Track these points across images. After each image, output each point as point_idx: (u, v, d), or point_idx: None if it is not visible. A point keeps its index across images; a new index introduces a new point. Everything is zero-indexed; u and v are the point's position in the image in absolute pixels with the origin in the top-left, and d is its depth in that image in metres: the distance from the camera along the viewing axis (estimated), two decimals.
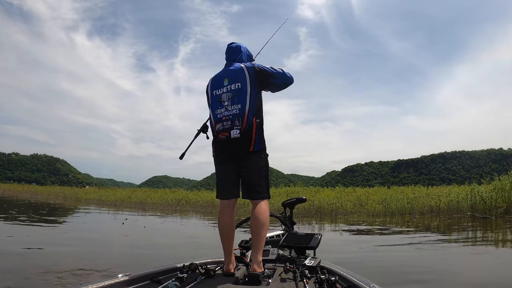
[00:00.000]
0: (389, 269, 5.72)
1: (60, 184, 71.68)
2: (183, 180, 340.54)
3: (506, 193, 14.34)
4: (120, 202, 29.04)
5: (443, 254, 7.32)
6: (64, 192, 40.65)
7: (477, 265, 6.27)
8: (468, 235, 10.21)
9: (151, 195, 30.08)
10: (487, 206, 14.24)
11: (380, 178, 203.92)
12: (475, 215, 14.00)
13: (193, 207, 24.12)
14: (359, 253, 7.39)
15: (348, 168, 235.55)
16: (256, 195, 2.83)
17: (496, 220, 12.88)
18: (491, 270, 5.66)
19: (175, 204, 25.83)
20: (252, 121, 2.79)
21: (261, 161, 2.86)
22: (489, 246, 8.54)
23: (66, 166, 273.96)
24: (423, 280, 4.92)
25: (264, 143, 2.90)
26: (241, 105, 2.82)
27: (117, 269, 5.08)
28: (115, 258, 6.91)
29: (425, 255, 7.25)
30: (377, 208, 18.44)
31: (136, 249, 8.06)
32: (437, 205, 16.33)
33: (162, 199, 27.68)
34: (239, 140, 2.78)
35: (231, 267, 2.82)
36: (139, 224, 13.57)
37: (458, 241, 9.16)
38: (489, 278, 5.13)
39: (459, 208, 15.38)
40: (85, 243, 8.27)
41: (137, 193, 32.76)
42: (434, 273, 5.28)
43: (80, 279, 4.73)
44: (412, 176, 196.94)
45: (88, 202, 30.60)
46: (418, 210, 16.84)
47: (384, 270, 5.60)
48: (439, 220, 14.07)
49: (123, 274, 2.35)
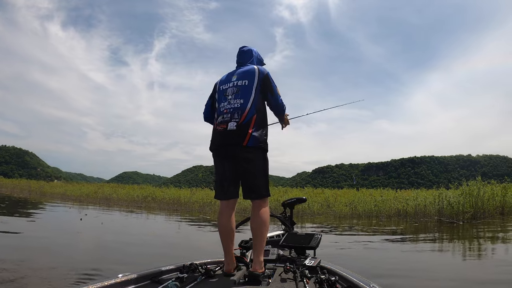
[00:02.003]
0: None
1: (28, 177, 70.31)
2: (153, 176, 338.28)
3: (474, 198, 14.51)
4: (85, 197, 28.56)
5: (390, 253, 7.78)
6: (29, 185, 39.61)
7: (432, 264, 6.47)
8: (427, 237, 10.22)
9: (118, 191, 29.58)
10: (454, 211, 14.29)
11: (350, 180, 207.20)
12: (442, 220, 13.99)
13: (159, 204, 23.88)
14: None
15: (319, 170, 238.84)
16: (254, 195, 2.85)
17: (463, 225, 12.87)
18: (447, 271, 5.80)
19: (141, 200, 25.47)
20: (252, 117, 2.84)
21: (259, 159, 2.88)
22: (450, 247, 8.73)
23: (35, 159, 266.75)
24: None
25: (262, 142, 2.89)
26: (243, 100, 2.90)
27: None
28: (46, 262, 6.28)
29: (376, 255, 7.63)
30: (344, 210, 18.31)
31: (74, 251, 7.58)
32: (404, 209, 16.31)
33: (128, 195, 27.28)
34: (234, 132, 2.81)
35: (231, 267, 2.88)
36: (98, 220, 13.54)
37: (416, 243, 9.32)
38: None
39: (426, 212, 15.39)
40: (24, 242, 7.96)
41: (104, 189, 31.91)
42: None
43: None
44: (381, 179, 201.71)
45: (52, 196, 29.96)
46: (385, 213, 16.79)
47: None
48: (406, 224, 14.00)
49: (123, 274, 2.38)
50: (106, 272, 5.24)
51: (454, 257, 7.80)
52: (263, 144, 2.89)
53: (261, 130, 2.91)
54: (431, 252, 8.21)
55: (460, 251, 8.48)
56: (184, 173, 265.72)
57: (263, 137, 2.92)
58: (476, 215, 14.17)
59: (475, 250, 8.44)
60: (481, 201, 14.60)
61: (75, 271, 5.28)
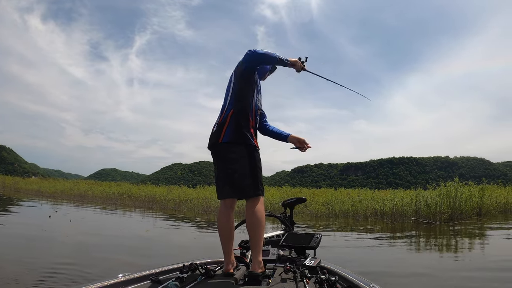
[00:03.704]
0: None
1: (4, 173, 68.41)
2: (132, 174, 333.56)
3: (451, 199, 14.61)
4: (59, 194, 28.10)
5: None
6: (4, 181, 38.72)
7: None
8: (402, 236, 10.20)
9: (94, 188, 29.21)
10: (432, 212, 14.32)
11: (329, 179, 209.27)
12: (419, 220, 13.99)
13: (134, 202, 23.73)
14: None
15: (298, 169, 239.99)
16: (244, 194, 2.82)
17: (440, 225, 12.87)
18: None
19: (117, 198, 25.21)
20: (228, 113, 2.85)
21: (244, 157, 2.80)
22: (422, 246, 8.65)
23: (12, 154, 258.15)
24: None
25: (243, 137, 2.83)
26: (224, 99, 2.99)
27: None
28: None
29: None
30: (321, 209, 18.22)
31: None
32: (382, 209, 16.30)
33: (104, 192, 26.94)
34: (215, 133, 2.87)
35: (230, 267, 2.85)
36: (68, 217, 13.43)
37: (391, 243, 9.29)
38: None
39: (404, 212, 15.42)
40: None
41: (80, 185, 31.55)
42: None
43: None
44: (360, 179, 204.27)
45: (27, 193, 29.71)
46: (362, 213, 16.76)
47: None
48: (383, 224, 13.95)
49: (123, 274, 2.37)
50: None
51: (423, 255, 7.95)
52: (241, 140, 2.82)
53: (239, 124, 2.84)
54: (400, 250, 8.36)
55: (435, 251, 8.56)
56: (163, 170, 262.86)
57: (243, 131, 2.83)
58: (453, 216, 14.29)
59: (450, 251, 8.53)
60: (458, 202, 14.74)
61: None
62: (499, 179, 28.56)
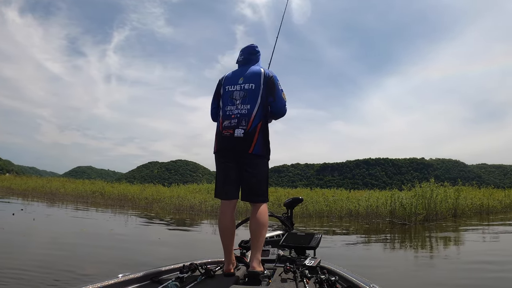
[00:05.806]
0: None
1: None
2: (108, 172, 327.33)
3: (427, 200, 14.65)
4: (31, 191, 27.59)
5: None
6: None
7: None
8: (376, 237, 10.18)
9: (66, 186, 29.02)
10: (407, 213, 14.31)
11: (305, 180, 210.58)
12: (394, 221, 13.95)
13: (107, 200, 23.38)
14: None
15: (275, 169, 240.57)
16: (257, 198, 2.94)
17: (415, 226, 12.83)
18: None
19: (89, 196, 24.82)
20: (257, 124, 2.93)
21: (264, 166, 3.00)
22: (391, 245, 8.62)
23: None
24: None
25: (266, 149, 3.00)
26: (250, 105, 2.96)
27: None
28: None
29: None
30: (295, 209, 17.92)
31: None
32: (356, 209, 16.21)
33: (76, 190, 26.50)
34: (241, 140, 2.89)
35: (231, 267, 2.91)
36: (32, 216, 13.08)
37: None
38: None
39: (378, 213, 15.40)
40: None
41: (52, 183, 30.90)
42: None
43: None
44: (336, 180, 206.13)
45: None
46: (336, 213, 16.67)
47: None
48: (357, 225, 13.84)
49: (123, 274, 2.40)
50: None
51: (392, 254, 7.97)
52: (265, 152, 2.99)
53: (266, 136, 3.01)
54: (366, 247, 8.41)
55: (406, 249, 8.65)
56: (140, 169, 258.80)
57: (267, 145, 3.01)
58: (428, 217, 14.36)
59: (422, 250, 8.57)
60: (433, 203, 14.79)
61: None
62: (473, 181, 29.07)
